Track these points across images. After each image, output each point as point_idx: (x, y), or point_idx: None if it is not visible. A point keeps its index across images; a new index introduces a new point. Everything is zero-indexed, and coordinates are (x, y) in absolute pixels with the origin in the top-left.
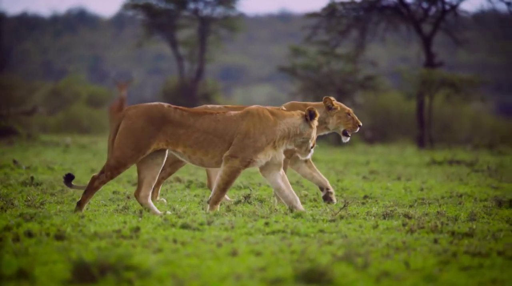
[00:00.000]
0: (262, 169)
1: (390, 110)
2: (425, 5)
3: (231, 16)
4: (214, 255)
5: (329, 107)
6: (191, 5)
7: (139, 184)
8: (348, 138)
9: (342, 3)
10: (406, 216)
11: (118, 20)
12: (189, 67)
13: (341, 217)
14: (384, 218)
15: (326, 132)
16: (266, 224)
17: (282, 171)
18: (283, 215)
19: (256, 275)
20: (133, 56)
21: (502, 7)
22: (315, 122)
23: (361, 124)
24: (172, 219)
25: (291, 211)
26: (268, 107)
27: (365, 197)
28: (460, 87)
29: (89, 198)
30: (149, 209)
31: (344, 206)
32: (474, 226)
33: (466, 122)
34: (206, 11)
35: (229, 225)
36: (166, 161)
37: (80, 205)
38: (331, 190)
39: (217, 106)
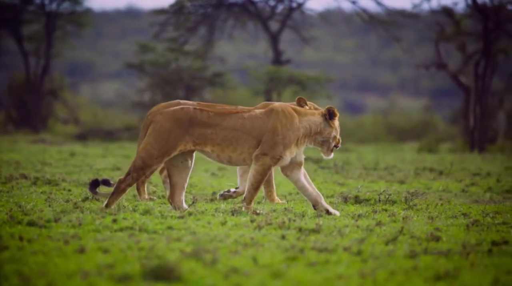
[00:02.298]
0: (284, 168)
1: None
2: (272, 3)
3: (77, 12)
4: (61, 252)
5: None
6: (37, 0)
7: (172, 189)
8: None
9: (190, 0)
10: (254, 212)
11: None
12: (35, 63)
13: (190, 214)
14: (233, 215)
15: None
16: (114, 221)
17: (303, 169)
18: (131, 212)
19: (103, 272)
20: None
21: (347, 5)
22: (335, 122)
23: None
24: (18, 216)
25: (314, 208)
26: (289, 104)
27: (214, 193)
28: (306, 85)
29: (116, 200)
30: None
31: (193, 202)
32: (321, 222)
33: None
34: (52, 6)
35: (76, 222)
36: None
37: (107, 206)
38: (232, 191)
39: (190, 102)
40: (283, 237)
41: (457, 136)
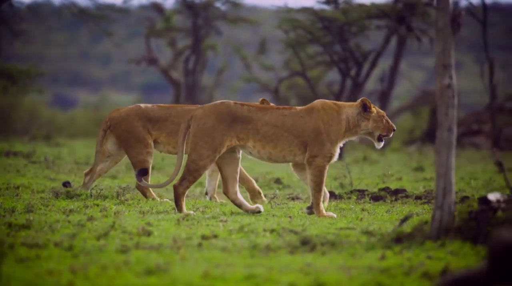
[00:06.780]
0: (296, 166)
1: None
2: None
3: None
4: None
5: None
6: None
7: (224, 182)
8: None
9: None
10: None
11: None
12: None
13: None
14: None
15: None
16: None
17: None
18: None
19: None
20: None
21: None
22: (370, 115)
23: None
24: None
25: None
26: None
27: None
28: (17, 79)
29: (183, 203)
30: (240, 205)
31: None
32: (31, 218)
33: (23, 114)
34: None
35: None
36: (103, 154)
37: (180, 211)
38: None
39: (150, 105)
40: None
41: None
